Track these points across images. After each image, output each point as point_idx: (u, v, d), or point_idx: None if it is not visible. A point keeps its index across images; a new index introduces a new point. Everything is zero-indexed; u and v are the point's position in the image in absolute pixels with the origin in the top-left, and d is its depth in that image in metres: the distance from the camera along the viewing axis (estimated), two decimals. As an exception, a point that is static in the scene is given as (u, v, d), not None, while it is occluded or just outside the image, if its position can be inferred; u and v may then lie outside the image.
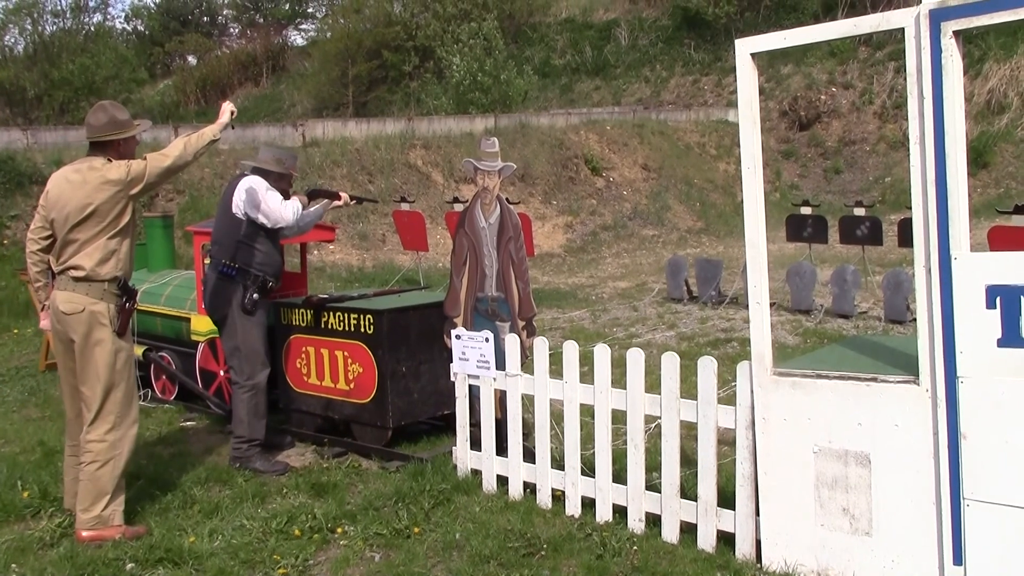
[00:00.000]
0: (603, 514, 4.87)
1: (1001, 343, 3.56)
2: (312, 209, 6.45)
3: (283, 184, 6.21)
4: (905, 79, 3.80)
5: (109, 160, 4.89)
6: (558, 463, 5.13)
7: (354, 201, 6.88)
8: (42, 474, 5.76)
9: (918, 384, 3.80)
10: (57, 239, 4.89)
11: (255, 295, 5.99)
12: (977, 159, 21.96)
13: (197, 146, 5.09)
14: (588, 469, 4.97)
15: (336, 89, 34.56)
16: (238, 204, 6.00)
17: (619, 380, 4.81)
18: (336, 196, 6.58)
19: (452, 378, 5.62)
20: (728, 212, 22.95)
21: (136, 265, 5.69)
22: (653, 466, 4.88)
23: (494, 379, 5.39)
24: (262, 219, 5.96)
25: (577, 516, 4.95)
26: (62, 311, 4.83)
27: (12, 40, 32.46)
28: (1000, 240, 8.14)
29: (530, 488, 5.24)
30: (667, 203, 22.50)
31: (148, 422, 7.04)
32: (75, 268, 4.82)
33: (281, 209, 5.96)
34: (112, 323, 4.86)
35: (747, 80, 4.23)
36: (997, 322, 3.57)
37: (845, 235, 11.77)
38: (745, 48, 4.22)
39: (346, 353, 6.21)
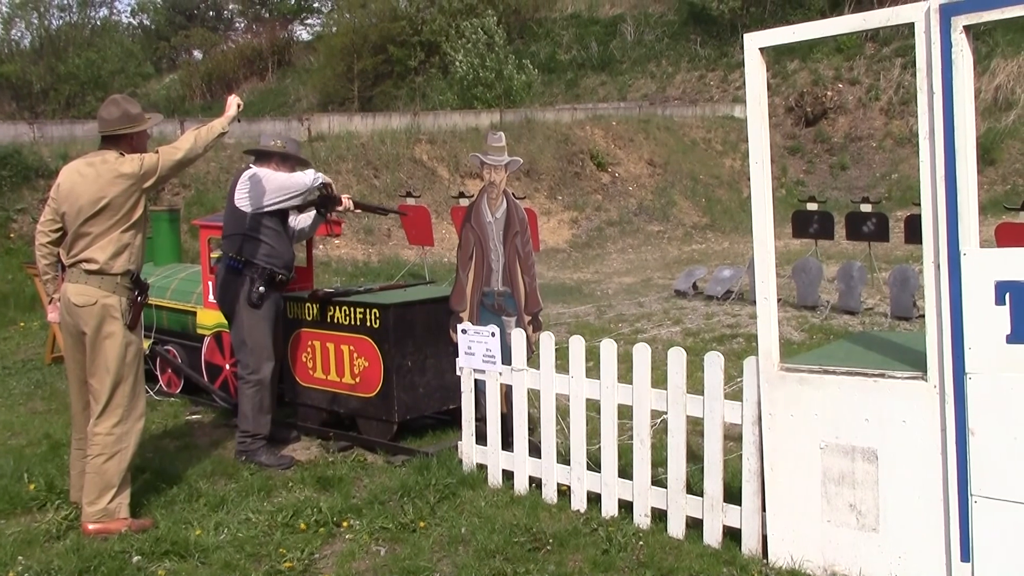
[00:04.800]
0: (609, 509, 4.87)
1: (1010, 339, 3.55)
2: (309, 222, 6.49)
3: (286, 168, 6.21)
4: (912, 75, 3.81)
5: (122, 154, 4.90)
6: (564, 458, 5.13)
7: (357, 209, 6.72)
8: (48, 467, 5.77)
9: (926, 380, 3.79)
10: (68, 232, 4.89)
11: (261, 288, 5.99)
12: (984, 156, 21.86)
13: (207, 139, 5.11)
14: (594, 464, 4.97)
15: (341, 84, 34.51)
16: (243, 194, 6.01)
17: (625, 375, 4.80)
18: (338, 201, 6.41)
19: (458, 372, 5.62)
20: (733, 208, 22.92)
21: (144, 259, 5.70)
22: (659, 461, 4.87)
23: (500, 374, 5.39)
24: (285, 197, 5.98)
25: (583, 511, 4.95)
26: (74, 303, 4.83)
27: (18, 34, 32.56)
28: (1008, 236, 8.13)
29: (536, 483, 5.24)
30: (672, 199, 22.47)
31: (154, 415, 7.04)
32: (88, 261, 4.83)
33: (297, 177, 6.01)
34: (124, 316, 4.87)
35: (756, 75, 4.22)
36: (1006, 318, 3.55)
37: (851, 231, 11.75)
38: (754, 43, 4.20)
39: (352, 347, 6.21)
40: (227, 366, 7.15)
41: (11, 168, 14.39)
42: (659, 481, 4.73)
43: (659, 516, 4.69)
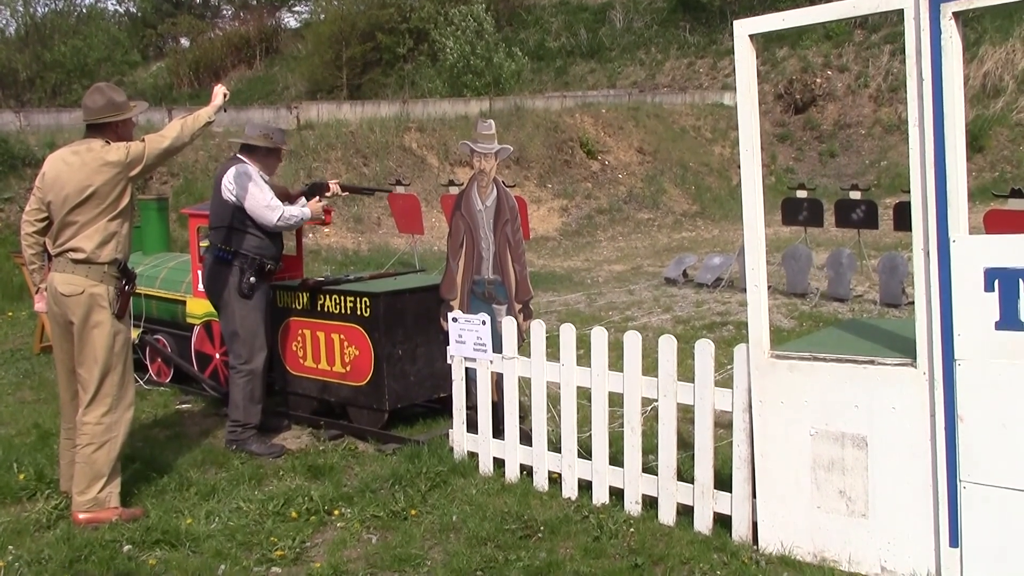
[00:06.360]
0: (600, 496, 4.88)
1: (999, 326, 3.57)
2: (299, 212, 6.43)
3: (272, 159, 6.20)
4: (901, 62, 3.81)
5: (107, 142, 4.88)
6: (555, 446, 5.14)
7: (345, 192, 6.78)
8: (38, 456, 5.75)
9: (915, 367, 3.81)
10: (54, 221, 4.87)
11: (252, 278, 5.97)
12: (973, 143, 21.89)
13: (193, 127, 5.09)
14: (585, 452, 4.98)
15: (330, 71, 34.34)
16: (229, 191, 5.99)
17: (616, 363, 4.81)
18: (325, 187, 6.51)
19: (448, 361, 5.62)
20: (723, 195, 22.93)
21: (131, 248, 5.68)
22: (650, 449, 4.88)
23: (491, 362, 5.39)
24: (255, 218, 5.97)
25: (574, 498, 4.96)
26: (61, 293, 4.81)
27: (4, 22, 32.35)
28: (996, 224, 8.14)
29: (527, 471, 5.25)
30: (662, 186, 22.47)
31: (144, 405, 7.02)
32: (74, 250, 4.81)
33: (264, 212, 5.95)
34: (111, 306, 4.85)
35: (745, 62, 4.21)
36: (995, 305, 3.57)
37: (841, 219, 11.74)
38: (743, 30, 4.19)
39: (342, 336, 6.20)
40: (217, 355, 7.14)
41: (-3, 157, 14.33)
42: (650, 468, 4.75)
43: (650, 503, 4.71)
